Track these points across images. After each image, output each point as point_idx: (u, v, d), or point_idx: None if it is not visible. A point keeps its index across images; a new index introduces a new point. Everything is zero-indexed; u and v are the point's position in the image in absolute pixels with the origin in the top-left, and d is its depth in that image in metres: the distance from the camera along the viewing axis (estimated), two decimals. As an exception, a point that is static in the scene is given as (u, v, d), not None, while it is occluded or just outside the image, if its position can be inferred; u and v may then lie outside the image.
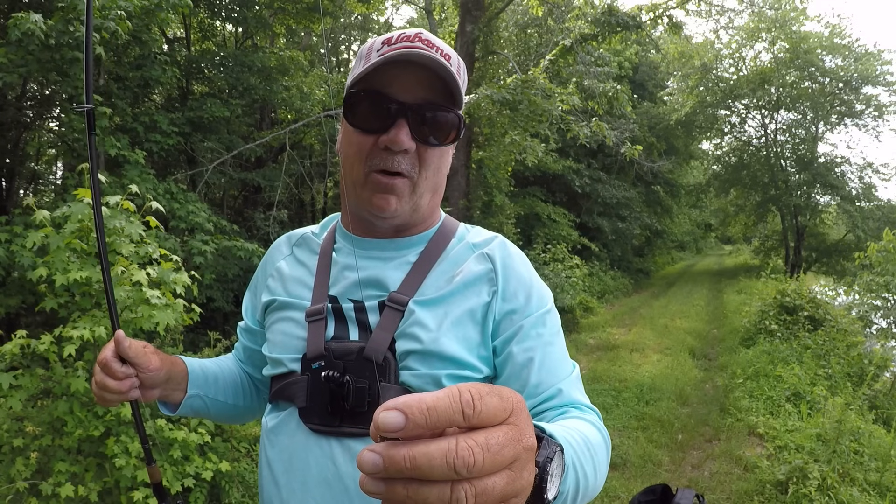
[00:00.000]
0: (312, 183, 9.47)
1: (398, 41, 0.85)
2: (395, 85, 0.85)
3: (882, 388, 5.78)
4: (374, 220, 0.91)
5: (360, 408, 0.83)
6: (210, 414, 1.11)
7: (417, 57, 0.82)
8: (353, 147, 0.88)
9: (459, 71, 0.89)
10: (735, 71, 20.34)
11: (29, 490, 2.51)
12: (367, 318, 0.89)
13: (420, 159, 0.87)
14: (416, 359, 0.84)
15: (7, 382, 2.52)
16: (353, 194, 0.91)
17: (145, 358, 0.97)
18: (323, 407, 0.86)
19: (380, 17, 15.73)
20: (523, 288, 0.90)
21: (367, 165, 0.87)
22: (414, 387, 0.84)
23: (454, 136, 0.88)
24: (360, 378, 0.84)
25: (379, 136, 0.85)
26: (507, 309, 0.88)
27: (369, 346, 0.85)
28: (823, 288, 11.81)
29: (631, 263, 18.11)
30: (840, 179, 19.26)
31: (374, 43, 0.88)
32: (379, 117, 0.85)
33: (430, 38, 0.87)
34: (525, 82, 7.60)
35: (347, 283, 0.92)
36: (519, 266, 0.93)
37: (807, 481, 3.59)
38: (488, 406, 0.39)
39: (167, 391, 1.02)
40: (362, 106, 0.86)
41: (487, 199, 10.54)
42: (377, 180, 0.86)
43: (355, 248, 0.95)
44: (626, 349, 8.19)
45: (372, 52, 0.87)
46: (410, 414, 0.37)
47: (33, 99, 6.66)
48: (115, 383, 0.94)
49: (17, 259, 3.48)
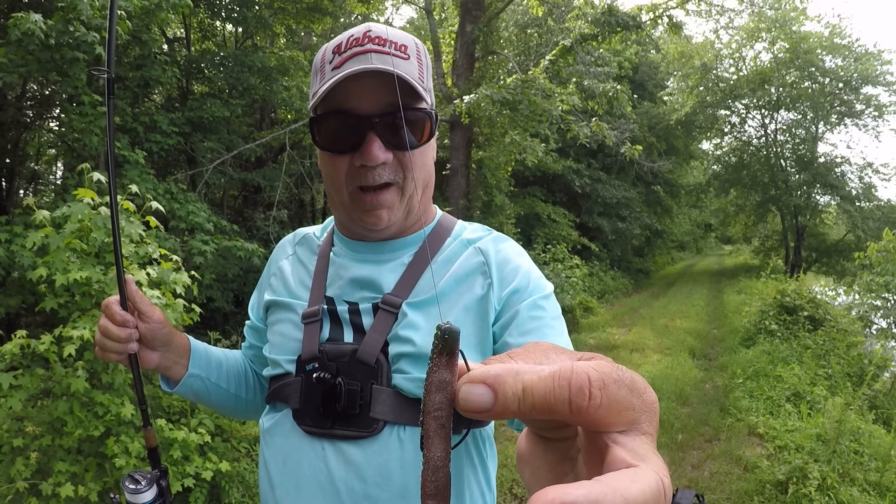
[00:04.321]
0: (312, 183, 9.46)
1: (348, 46, 0.82)
2: (354, 99, 0.82)
3: (882, 388, 5.78)
4: (370, 233, 0.91)
5: (351, 410, 0.83)
6: (210, 400, 1.09)
7: (369, 69, 0.79)
8: (331, 169, 0.86)
9: (420, 55, 0.86)
10: (735, 71, 20.34)
11: (29, 490, 2.51)
12: (362, 321, 0.88)
13: (401, 164, 0.85)
14: (409, 361, 0.84)
15: (7, 382, 2.52)
16: (343, 214, 0.91)
17: (150, 307, 0.97)
18: (315, 409, 0.85)
19: (380, 17, 15.72)
20: (519, 275, 0.88)
21: (350, 184, 0.85)
22: (406, 390, 0.83)
23: (428, 132, 0.86)
24: (353, 380, 0.84)
25: (353, 155, 0.83)
26: (505, 297, 0.87)
27: (362, 349, 0.85)
28: (823, 288, 11.80)
29: (631, 263, 18.11)
30: (840, 179, 19.25)
31: (325, 53, 0.85)
32: (346, 136, 0.82)
33: (380, 32, 0.83)
34: (525, 82, 7.60)
35: (344, 285, 0.92)
36: (513, 255, 0.91)
37: (807, 481, 3.59)
38: (612, 399, 0.28)
39: (167, 361, 1.02)
40: (327, 128, 0.84)
41: (487, 199, 10.54)
42: (363, 200, 0.85)
43: (351, 251, 0.95)
44: (626, 349, 8.19)
45: (325, 64, 0.84)
46: (501, 395, 0.29)
47: (33, 99, 6.66)
48: (116, 328, 0.94)
49: (17, 259, 3.48)
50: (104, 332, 0.95)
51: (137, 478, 0.98)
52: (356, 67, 0.79)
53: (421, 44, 0.89)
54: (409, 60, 0.83)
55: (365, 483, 0.82)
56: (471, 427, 0.87)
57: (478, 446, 0.91)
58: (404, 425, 0.83)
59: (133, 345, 0.96)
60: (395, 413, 0.83)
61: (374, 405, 0.83)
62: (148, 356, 0.99)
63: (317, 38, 11.32)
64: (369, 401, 0.83)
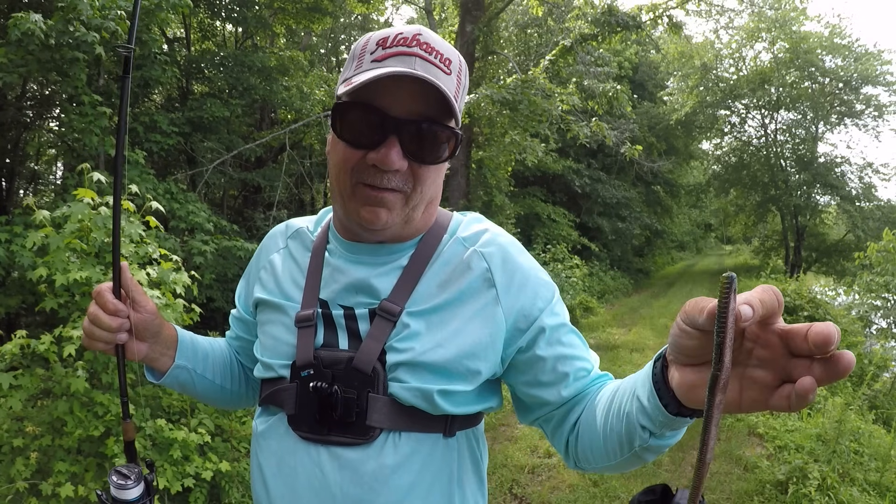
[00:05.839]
0: (312, 183, 9.47)
1: (394, 43, 0.79)
2: (386, 97, 0.79)
3: (882, 388, 5.78)
4: (362, 231, 0.87)
5: (348, 418, 0.82)
6: (196, 391, 1.08)
7: (412, 74, 0.76)
8: (340, 157, 0.83)
9: (461, 75, 0.85)
10: (735, 71, 20.35)
11: (29, 490, 2.51)
12: (358, 326, 0.87)
13: (414, 176, 0.83)
14: (407, 371, 0.83)
15: (7, 382, 2.52)
16: (340, 203, 0.87)
17: (144, 296, 0.96)
18: (311, 415, 0.85)
19: (380, 17, 15.72)
20: (528, 282, 0.88)
21: (354, 177, 0.82)
22: (403, 399, 0.82)
23: (450, 153, 0.83)
24: (349, 388, 0.83)
25: (367, 152, 0.80)
26: (517, 306, 0.86)
27: (358, 357, 0.84)
28: (823, 288, 11.81)
29: (631, 263, 18.11)
30: (840, 179, 19.27)
31: (369, 43, 0.82)
32: (368, 132, 0.79)
33: (430, 39, 0.81)
34: (525, 82, 7.61)
35: (339, 288, 0.89)
36: (517, 258, 0.89)
37: (807, 481, 3.59)
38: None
39: (155, 353, 1.00)
40: (351, 117, 0.81)
41: (487, 199, 10.54)
42: (366, 193, 0.82)
43: (346, 251, 0.92)
44: (626, 349, 8.19)
45: (366, 53, 0.81)
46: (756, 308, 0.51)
47: (33, 99, 6.66)
48: (106, 317, 0.92)
49: (17, 259, 3.48)
50: (94, 319, 0.92)
51: (125, 472, 0.95)
52: (398, 68, 0.77)
53: (465, 63, 0.87)
54: (450, 76, 0.81)
55: (360, 488, 0.82)
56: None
57: (470, 444, 0.93)
58: (399, 431, 0.84)
59: (122, 335, 0.94)
60: (391, 421, 0.83)
61: (370, 413, 0.83)
62: (136, 347, 0.97)
63: (317, 38, 11.32)
64: (365, 409, 0.83)
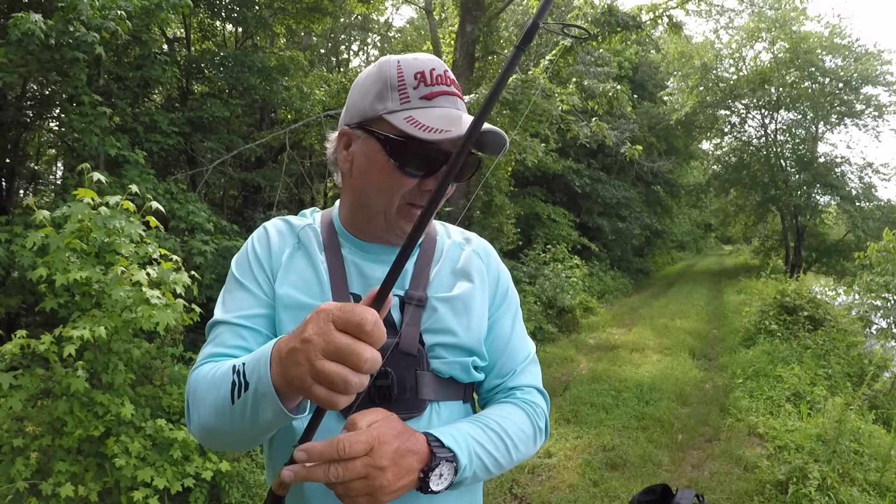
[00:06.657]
0: (312, 183, 9.47)
1: (434, 81, 0.93)
2: (446, 140, 0.92)
3: (882, 388, 5.78)
4: (394, 239, 1.01)
5: (402, 396, 0.94)
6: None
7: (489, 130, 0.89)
8: (393, 183, 0.94)
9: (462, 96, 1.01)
10: (735, 71, 20.33)
11: (29, 490, 2.51)
12: (391, 316, 0.98)
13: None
14: (444, 349, 0.98)
15: (7, 382, 2.52)
16: (380, 219, 0.98)
17: None
18: (365, 399, 0.91)
19: (380, 18, 15.72)
20: (502, 276, 1.11)
21: (403, 199, 0.95)
22: (442, 372, 0.98)
23: (472, 174, 1.02)
24: (399, 369, 0.95)
25: (422, 180, 0.94)
26: (496, 296, 1.09)
27: (403, 341, 0.95)
28: (823, 288, 11.80)
29: (631, 263, 18.10)
30: (840, 179, 19.25)
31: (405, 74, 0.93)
32: (427, 165, 0.93)
33: (448, 72, 0.96)
34: (525, 82, 7.60)
35: (365, 283, 1.00)
36: (495, 257, 1.14)
37: (807, 481, 3.59)
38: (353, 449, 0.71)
39: None
40: (414, 152, 0.92)
41: (487, 199, 10.53)
42: (411, 211, 0.96)
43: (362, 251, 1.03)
44: (625, 349, 8.19)
45: (408, 88, 0.92)
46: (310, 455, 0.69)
47: (33, 99, 6.65)
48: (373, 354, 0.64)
49: (17, 259, 3.47)
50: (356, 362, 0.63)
51: None
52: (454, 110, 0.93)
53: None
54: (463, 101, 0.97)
55: None
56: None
57: (473, 407, 1.06)
58: (440, 401, 0.99)
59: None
60: (437, 392, 0.98)
61: (420, 388, 0.96)
62: None
63: (317, 38, 11.31)
64: (415, 385, 0.96)
